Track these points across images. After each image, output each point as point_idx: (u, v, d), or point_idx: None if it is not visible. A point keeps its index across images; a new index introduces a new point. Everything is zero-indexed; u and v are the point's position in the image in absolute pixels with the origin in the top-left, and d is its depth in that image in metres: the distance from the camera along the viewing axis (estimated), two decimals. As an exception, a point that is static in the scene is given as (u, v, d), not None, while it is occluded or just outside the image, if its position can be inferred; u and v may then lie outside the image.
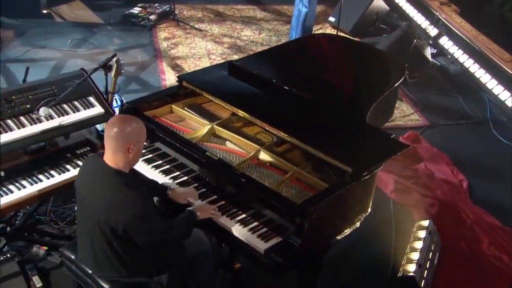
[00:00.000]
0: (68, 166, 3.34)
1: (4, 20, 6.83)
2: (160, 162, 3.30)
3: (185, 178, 3.21)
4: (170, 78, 5.89)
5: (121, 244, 2.63)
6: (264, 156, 3.22)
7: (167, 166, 3.28)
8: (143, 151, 3.08)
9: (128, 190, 2.57)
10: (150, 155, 3.31)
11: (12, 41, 6.46)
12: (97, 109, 3.45)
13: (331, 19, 7.60)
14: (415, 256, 3.70)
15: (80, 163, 3.38)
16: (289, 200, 2.84)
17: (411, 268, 3.60)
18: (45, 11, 7.21)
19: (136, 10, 7.38)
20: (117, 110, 4.30)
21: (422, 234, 3.90)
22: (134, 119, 2.67)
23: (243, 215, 2.96)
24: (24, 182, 3.16)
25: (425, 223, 4.03)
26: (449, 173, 4.89)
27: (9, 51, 6.22)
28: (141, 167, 3.20)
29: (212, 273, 3.17)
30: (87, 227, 2.70)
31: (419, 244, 3.80)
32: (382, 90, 3.73)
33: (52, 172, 3.28)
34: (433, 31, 7.36)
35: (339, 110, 3.44)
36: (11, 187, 3.12)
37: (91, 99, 3.47)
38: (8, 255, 3.55)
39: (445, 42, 7.12)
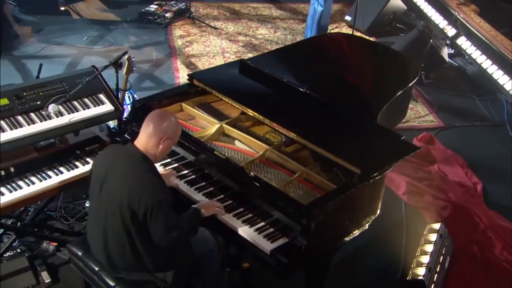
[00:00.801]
0: (77, 163, 3.35)
1: (23, 16, 6.92)
2: (169, 160, 3.30)
3: (193, 176, 3.21)
4: (183, 76, 5.89)
5: (138, 231, 2.65)
6: (272, 156, 3.20)
7: (176, 165, 3.29)
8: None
9: (153, 176, 2.65)
10: (159, 153, 3.31)
11: (29, 37, 6.54)
12: (107, 107, 3.46)
13: (347, 18, 7.54)
14: (425, 259, 3.65)
15: (89, 159, 3.39)
16: (296, 201, 2.82)
17: (421, 271, 3.54)
18: (62, 8, 7.27)
19: (152, 7, 7.40)
20: (129, 108, 4.32)
21: (433, 237, 3.84)
22: (174, 116, 2.84)
23: (250, 215, 2.95)
24: (33, 178, 3.18)
25: (437, 226, 3.97)
26: (463, 176, 4.81)
27: (26, 47, 6.29)
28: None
29: (219, 273, 3.16)
30: (105, 210, 2.70)
31: (429, 248, 3.74)
32: (395, 91, 3.69)
33: (61, 168, 3.29)
34: (451, 31, 7.25)
35: (350, 111, 3.41)
36: (20, 183, 3.14)
37: (101, 96, 3.47)
38: (18, 250, 3.59)
39: (463, 42, 7.01)
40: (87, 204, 3.90)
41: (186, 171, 3.24)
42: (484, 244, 4.06)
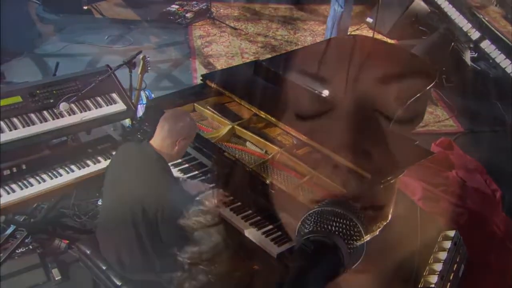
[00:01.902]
0: (88, 162, 3.37)
1: (46, 15, 7.01)
2: (179, 160, 3.29)
3: (204, 178, 3.20)
4: (201, 76, 5.90)
5: (147, 229, 2.65)
6: (283, 158, 3.17)
7: (186, 165, 3.28)
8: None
9: (168, 176, 2.69)
10: (169, 154, 3.31)
11: (51, 36, 6.61)
12: (119, 106, 3.48)
13: (369, 20, 7.46)
14: (438, 267, 3.57)
15: (100, 158, 3.41)
16: (304, 205, 2.78)
17: (433, 279, 3.47)
18: (85, 7, 7.34)
19: (173, 7, 7.43)
20: (142, 107, 4.33)
21: (447, 244, 3.75)
22: (190, 116, 2.86)
23: (258, 217, 2.93)
24: (44, 176, 3.21)
25: (451, 233, 3.87)
26: (481, 183, 4.70)
27: (48, 45, 6.36)
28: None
29: (227, 275, 3.15)
30: (117, 206, 2.72)
31: (443, 255, 3.65)
32: (411, 95, 3.63)
33: (73, 166, 3.32)
34: (475, 34, 7.11)
35: (363, 114, 3.36)
36: (32, 180, 3.17)
37: (114, 95, 3.49)
38: (30, 247, 3.62)
39: (487, 46, 6.87)
40: (99, 203, 3.92)
41: (196, 172, 3.23)
42: (501, 253, 3.96)
